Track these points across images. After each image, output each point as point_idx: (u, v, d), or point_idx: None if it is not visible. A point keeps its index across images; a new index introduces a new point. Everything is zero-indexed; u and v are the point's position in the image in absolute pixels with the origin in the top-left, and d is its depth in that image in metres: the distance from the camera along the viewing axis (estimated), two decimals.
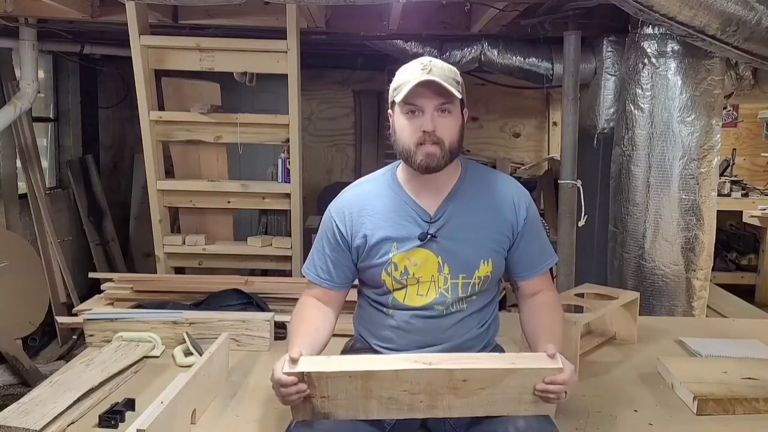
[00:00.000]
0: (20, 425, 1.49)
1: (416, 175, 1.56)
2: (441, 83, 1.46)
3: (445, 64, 1.53)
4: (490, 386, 1.34)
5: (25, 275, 4.10)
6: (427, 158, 1.50)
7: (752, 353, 2.10)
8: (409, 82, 1.47)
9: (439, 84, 1.46)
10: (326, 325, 1.60)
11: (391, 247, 1.56)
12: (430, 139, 1.49)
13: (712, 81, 2.94)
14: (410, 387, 1.33)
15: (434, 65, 1.50)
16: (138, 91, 3.34)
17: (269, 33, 3.49)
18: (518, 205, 1.61)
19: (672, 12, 2.37)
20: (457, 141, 1.53)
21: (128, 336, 2.06)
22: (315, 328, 1.56)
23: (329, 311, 1.63)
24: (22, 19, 3.69)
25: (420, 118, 1.49)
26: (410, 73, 1.50)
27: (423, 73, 1.48)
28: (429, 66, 1.49)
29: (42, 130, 4.99)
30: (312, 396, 1.35)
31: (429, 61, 1.51)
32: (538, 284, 1.65)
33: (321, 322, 1.59)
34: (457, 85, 1.50)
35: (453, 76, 1.51)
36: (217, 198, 3.63)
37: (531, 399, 1.37)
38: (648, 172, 3.02)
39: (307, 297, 1.65)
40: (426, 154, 1.49)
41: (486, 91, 5.68)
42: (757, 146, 5.76)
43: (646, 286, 3.01)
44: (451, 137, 1.51)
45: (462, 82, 1.54)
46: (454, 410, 1.38)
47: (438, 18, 3.72)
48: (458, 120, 1.53)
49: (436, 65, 1.50)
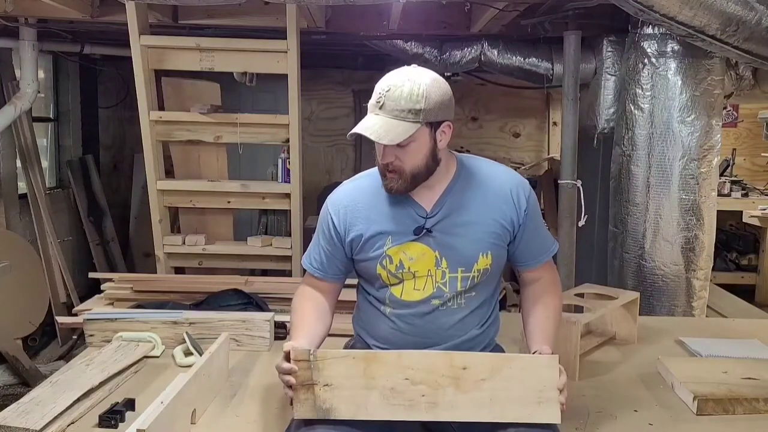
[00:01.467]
0: (20, 425, 1.49)
1: None
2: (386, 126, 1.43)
3: (406, 90, 1.43)
4: (489, 377, 1.37)
5: (25, 275, 4.10)
6: (390, 183, 1.53)
7: (752, 353, 2.10)
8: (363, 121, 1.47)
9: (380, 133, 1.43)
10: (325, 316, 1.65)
11: (386, 240, 1.56)
12: (390, 168, 1.51)
13: (712, 81, 2.94)
14: (412, 374, 1.37)
15: (389, 98, 1.44)
16: (138, 91, 3.34)
17: (269, 33, 3.49)
18: (517, 197, 1.60)
19: (672, 12, 2.37)
20: (423, 164, 1.50)
21: (128, 336, 2.06)
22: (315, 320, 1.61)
23: (325, 302, 1.68)
24: (22, 19, 3.69)
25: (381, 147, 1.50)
26: (371, 99, 1.48)
27: (375, 107, 1.46)
28: (383, 99, 1.45)
29: (42, 130, 4.99)
30: (314, 383, 1.36)
31: (386, 91, 1.45)
32: (541, 271, 1.69)
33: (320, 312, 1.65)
34: (415, 116, 1.44)
35: (410, 107, 1.43)
36: (217, 198, 3.63)
37: (535, 400, 1.37)
38: (648, 172, 3.02)
39: (304, 286, 1.70)
40: (389, 179, 1.53)
41: (486, 91, 5.68)
42: (757, 146, 5.77)
43: (646, 286, 3.01)
44: (412, 165, 1.50)
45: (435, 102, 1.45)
46: (456, 409, 1.38)
47: (438, 18, 3.71)
48: (422, 146, 1.48)
49: (390, 98, 1.44)
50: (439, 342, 1.57)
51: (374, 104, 1.47)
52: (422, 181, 1.54)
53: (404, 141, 1.45)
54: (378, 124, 1.45)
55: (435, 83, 1.47)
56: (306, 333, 1.55)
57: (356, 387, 1.37)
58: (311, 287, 1.69)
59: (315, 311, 1.63)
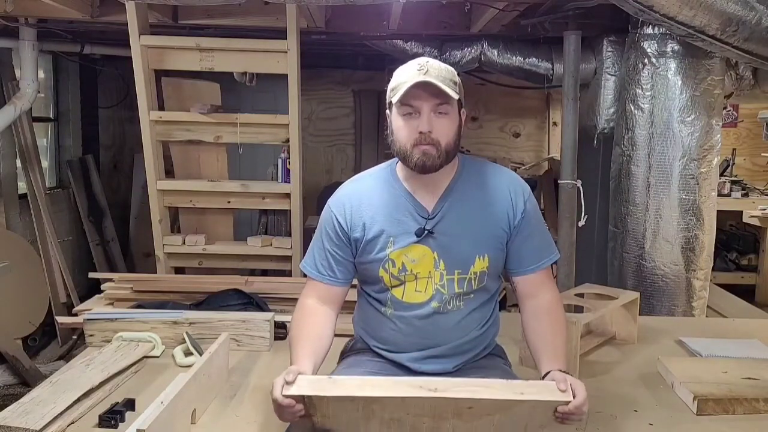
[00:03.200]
0: (20, 425, 1.49)
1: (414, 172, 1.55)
2: (437, 84, 1.46)
3: (442, 64, 1.52)
4: (496, 414, 1.31)
5: (25, 275, 4.10)
6: (424, 157, 1.49)
7: (752, 353, 2.10)
8: (406, 82, 1.47)
9: (435, 85, 1.46)
10: (327, 331, 1.58)
11: (388, 242, 1.55)
12: (427, 140, 1.49)
13: (712, 81, 2.94)
14: (414, 411, 1.30)
15: (431, 66, 1.49)
16: (138, 91, 3.34)
17: (269, 33, 3.49)
18: (515, 199, 1.59)
19: (672, 12, 2.37)
20: (453, 142, 1.52)
21: (128, 336, 2.06)
22: (317, 336, 1.55)
23: (330, 312, 1.61)
24: (22, 19, 3.69)
25: (416, 119, 1.49)
26: (407, 73, 1.50)
27: (419, 74, 1.47)
28: (426, 67, 1.48)
29: (42, 130, 4.99)
30: (312, 415, 1.33)
31: (426, 62, 1.50)
32: (537, 282, 1.61)
33: (322, 328, 1.57)
34: (454, 86, 1.49)
35: (450, 77, 1.50)
36: (217, 198, 3.63)
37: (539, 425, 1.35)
38: (648, 172, 3.02)
39: (306, 299, 1.62)
40: (422, 152, 1.49)
41: (486, 91, 5.68)
42: (757, 146, 5.77)
43: (646, 286, 3.01)
44: (447, 138, 1.50)
45: (460, 82, 1.54)
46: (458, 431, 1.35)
47: (438, 18, 3.72)
48: (455, 121, 1.53)
49: (433, 66, 1.49)
50: (439, 343, 1.57)
51: (416, 72, 1.48)
52: (449, 162, 1.54)
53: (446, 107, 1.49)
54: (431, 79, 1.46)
55: None
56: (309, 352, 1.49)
57: (356, 419, 1.33)
58: (315, 299, 1.62)
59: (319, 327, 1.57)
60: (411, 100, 1.48)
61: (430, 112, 1.49)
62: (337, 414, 1.33)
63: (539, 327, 1.57)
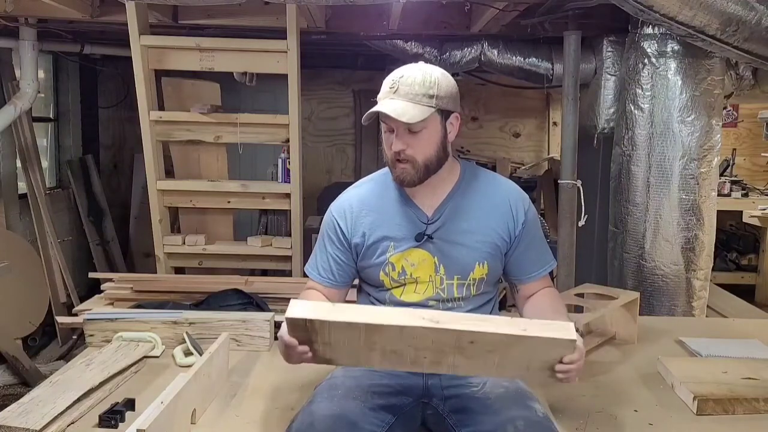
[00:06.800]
0: (20, 425, 1.49)
1: None
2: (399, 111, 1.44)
3: (419, 77, 1.49)
4: (497, 350, 1.30)
5: (25, 275, 4.10)
6: (402, 174, 1.53)
7: (752, 353, 2.10)
8: (380, 99, 1.48)
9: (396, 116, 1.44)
10: None
11: (389, 246, 1.57)
12: (402, 158, 1.50)
13: (712, 81, 2.94)
14: (415, 343, 1.30)
15: (403, 83, 1.47)
16: (138, 91, 3.34)
17: (269, 33, 3.49)
18: (516, 209, 1.61)
19: (672, 12, 2.37)
20: (435, 154, 1.52)
21: (128, 336, 2.06)
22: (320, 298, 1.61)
23: None
24: (22, 19, 3.69)
25: (393, 136, 1.50)
26: (383, 89, 1.51)
27: (390, 92, 1.48)
28: (397, 84, 1.48)
29: (42, 130, 4.99)
30: (314, 341, 1.33)
31: (400, 77, 1.49)
32: (537, 287, 1.67)
33: None
34: (429, 101, 1.47)
35: (423, 92, 1.47)
36: (217, 198, 3.63)
37: (539, 366, 1.34)
38: (648, 172, 3.02)
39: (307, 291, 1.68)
40: (400, 170, 1.52)
41: (486, 91, 5.68)
42: (757, 146, 5.77)
43: (646, 286, 3.01)
44: (425, 153, 1.51)
45: (447, 91, 1.50)
46: (459, 369, 1.35)
47: (438, 18, 3.71)
48: (434, 133, 1.51)
49: (405, 82, 1.48)
50: None
51: (388, 90, 1.49)
52: (433, 173, 1.54)
53: (418, 125, 1.47)
54: (395, 105, 1.46)
55: (444, 74, 1.52)
56: None
57: (357, 347, 1.33)
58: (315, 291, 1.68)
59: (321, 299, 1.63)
60: (384, 118, 1.49)
61: (403, 132, 1.49)
62: (338, 342, 1.33)
63: (538, 305, 1.61)
